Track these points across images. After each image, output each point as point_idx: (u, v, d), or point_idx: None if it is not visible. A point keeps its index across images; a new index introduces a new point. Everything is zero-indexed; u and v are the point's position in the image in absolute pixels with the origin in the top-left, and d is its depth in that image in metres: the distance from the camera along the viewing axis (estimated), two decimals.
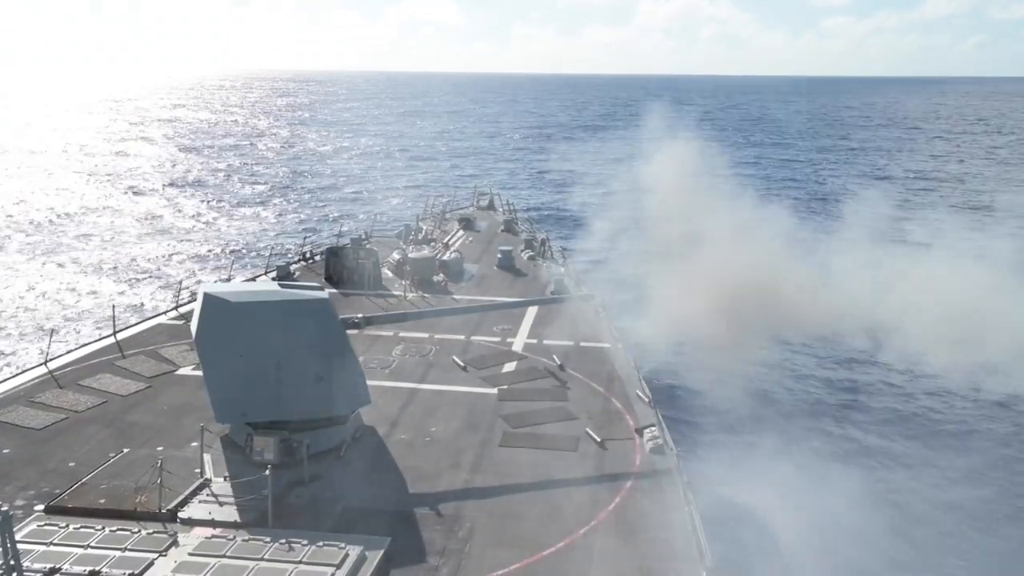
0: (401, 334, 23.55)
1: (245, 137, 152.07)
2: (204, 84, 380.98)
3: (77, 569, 11.40)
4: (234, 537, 12.42)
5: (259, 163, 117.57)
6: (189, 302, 25.64)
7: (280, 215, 76.51)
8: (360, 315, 18.28)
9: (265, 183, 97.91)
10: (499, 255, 33.57)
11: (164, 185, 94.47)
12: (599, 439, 16.53)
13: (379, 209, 67.08)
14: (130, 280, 50.31)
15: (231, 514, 13.31)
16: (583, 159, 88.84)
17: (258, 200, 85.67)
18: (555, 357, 21.55)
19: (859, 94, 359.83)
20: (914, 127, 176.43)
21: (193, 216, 74.57)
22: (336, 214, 74.97)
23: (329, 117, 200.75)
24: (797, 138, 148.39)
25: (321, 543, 12.14)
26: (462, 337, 23.54)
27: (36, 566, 11.34)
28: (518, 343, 23.37)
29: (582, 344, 22.58)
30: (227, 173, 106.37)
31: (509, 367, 21.19)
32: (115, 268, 53.36)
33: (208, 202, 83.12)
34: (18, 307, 43.74)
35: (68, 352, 22.10)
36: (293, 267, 32.10)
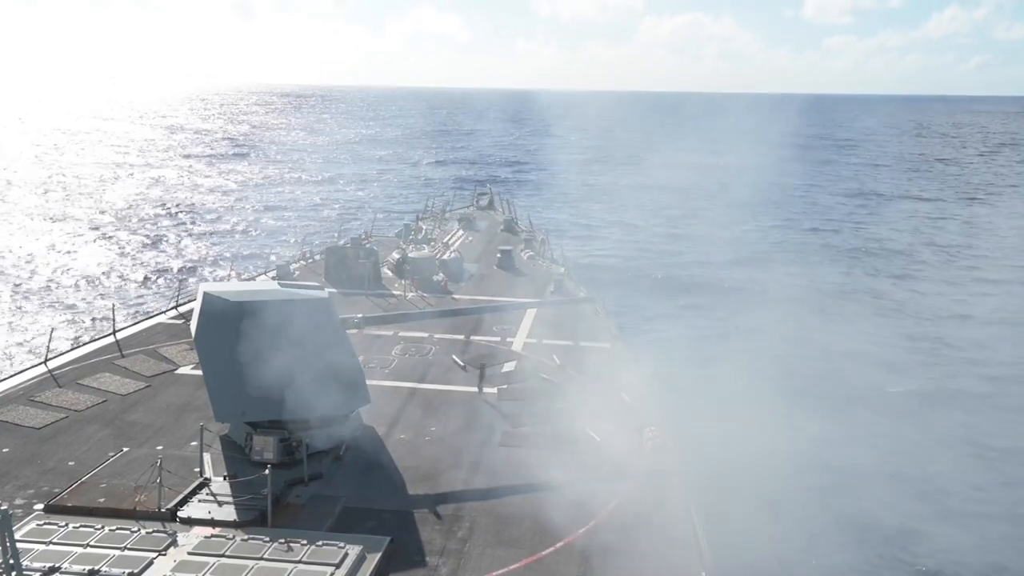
0: (401, 334, 23.54)
1: (245, 144, 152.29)
2: (207, 97, 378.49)
3: (76, 568, 11.39)
4: (233, 536, 12.42)
5: (259, 165, 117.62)
6: (189, 301, 25.64)
7: (280, 215, 76.51)
8: (360, 315, 18.29)
9: (265, 184, 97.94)
10: (499, 255, 33.60)
11: (164, 186, 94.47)
12: (599, 438, 16.52)
13: (379, 208, 67.16)
14: (130, 279, 50.31)
15: (230, 513, 13.29)
16: None
17: (258, 200, 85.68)
18: (555, 357, 21.55)
19: (883, 113, 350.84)
20: None
21: (193, 215, 74.58)
22: (336, 214, 74.98)
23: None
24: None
25: (320, 543, 12.13)
26: (462, 337, 23.54)
27: (35, 565, 11.33)
28: (518, 343, 23.37)
29: (582, 344, 22.57)
30: (227, 175, 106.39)
31: (509, 367, 21.18)
32: (115, 267, 53.35)
33: (208, 202, 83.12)
34: (18, 306, 43.72)
35: (68, 351, 22.11)
36: (293, 266, 32.11)
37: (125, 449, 15.86)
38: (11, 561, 9.70)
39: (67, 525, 12.55)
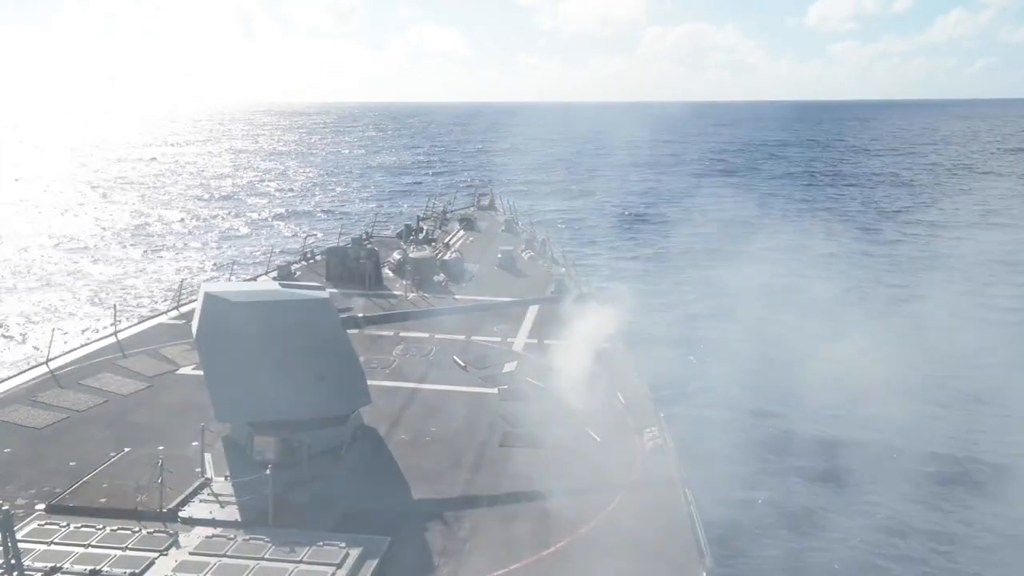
0: (402, 334, 23.55)
1: (245, 150, 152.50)
2: (209, 117, 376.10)
3: (78, 568, 11.41)
4: (235, 536, 12.43)
5: (259, 168, 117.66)
6: (190, 301, 25.66)
7: (281, 215, 76.54)
8: (361, 314, 18.30)
9: (266, 185, 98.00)
10: (500, 255, 33.62)
11: (166, 188, 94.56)
12: (599, 439, 16.54)
13: (380, 208, 67.14)
14: (131, 279, 50.34)
15: (232, 513, 13.32)
16: None
17: (259, 201, 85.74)
18: (556, 357, 21.54)
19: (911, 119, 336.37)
20: None
21: (195, 216, 74.62)
22: (337, 214, 75.01)
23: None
24: None
25: (321, 543, 12.15)
26: (462, 337, 23.55)
27: (37, 565, 11.35)
28: (518, 343, 23.38)
29: (583, 344, 22.56)
30: (228, 178, 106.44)
31: (509, 367, 21.20)
32: (116, 267, 53.39)
33: (210, 203, 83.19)
34: (20, 306, 43.76)
35: (69, 351, 22.13)
36: (294, 267, 32.14)
37: (126, 449, 15.88)
38: (12, 561, 9.72)
39: (68, 525, 12.57)
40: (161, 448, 16.00)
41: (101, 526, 12.53)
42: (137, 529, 12.53)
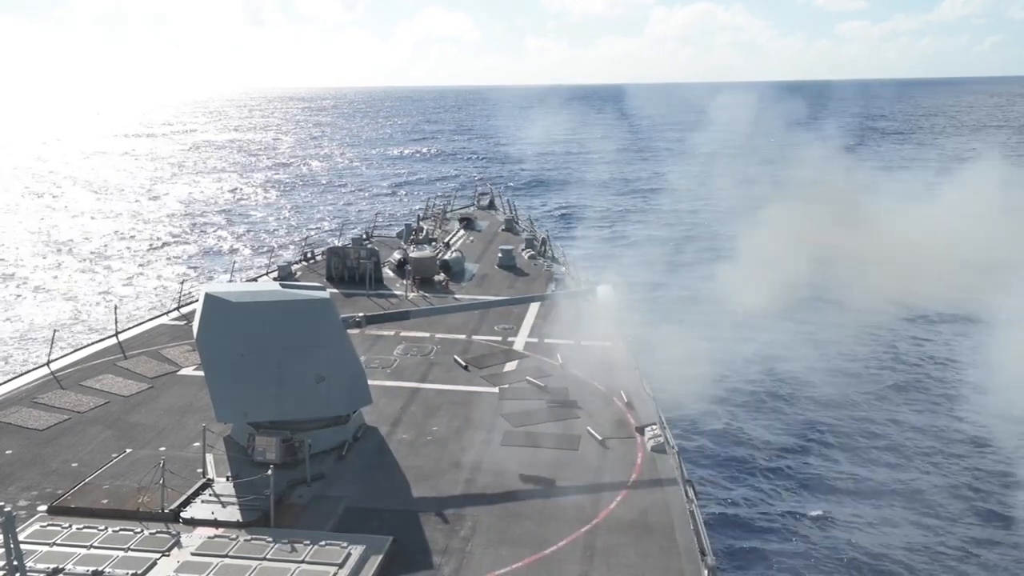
0: (402, 333, 23.58)
1: (246, 146, 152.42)
2: (218, 104, 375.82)
3: (80, 569, 11.44)
4: (236, 537, 12.46)
5: (260, 167, 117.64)
6: (191, 302, 25.68)
7: (281, 215, 76.55)
8: (361, 314, 18.32)
9: (267, 185, 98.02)
10: (500, 254, 33.62)
11: (166, 188, 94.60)
12: (600, 438, 16.56)
13: (380, 208, 67.11)
14: (132, 280, 50.37)
15: (233, 514, 13.34)
16: None
17: (260, 201, 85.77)
18: (558, 356, 21.57)
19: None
20: None
21: (195, 217, 74.64)
22: (337, 214, 75.02)
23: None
24: None
25: (323, 543, 12.18)
26: (463, 336, 23.58)
27: (39, 566, 11.37)
28: (519, 342, 23.38)
29: (583, 343, 22.59)
30: (228, 176, 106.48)
31: (510, 366, 21.21)
32: (117, 269, 53.42)
33: (210, 203, 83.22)
34: (21, 307, 43.79)
35: (70, 353, 22.15)
36: (294, 267, 32.15)
37: (128, 450, 15.91)
38: (15, 563, 9.74)
39: (70, 526, 12.60)
40: (162, 449, 16.03)
41: (103, 527, 12.55)
42: (139, 530, 12.55)
